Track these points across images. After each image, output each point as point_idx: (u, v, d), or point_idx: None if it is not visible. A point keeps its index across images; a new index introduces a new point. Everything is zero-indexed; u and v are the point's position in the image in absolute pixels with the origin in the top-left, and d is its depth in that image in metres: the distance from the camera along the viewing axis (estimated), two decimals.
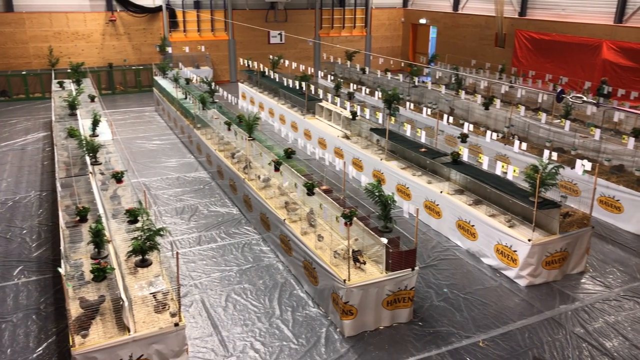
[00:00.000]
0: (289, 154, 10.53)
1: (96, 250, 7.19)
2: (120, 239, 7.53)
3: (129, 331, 5.79)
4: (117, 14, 22.37)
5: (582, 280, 8.71)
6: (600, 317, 7.71)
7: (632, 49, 17.08)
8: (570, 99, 14.37)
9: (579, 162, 9.04)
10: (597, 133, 11.57)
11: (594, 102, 14.29)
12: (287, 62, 19.02)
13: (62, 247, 7.19)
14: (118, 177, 9.21)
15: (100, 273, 6.53)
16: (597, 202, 10.57)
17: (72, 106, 14.05)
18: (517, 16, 21.39)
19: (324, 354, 6.86)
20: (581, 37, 18.61)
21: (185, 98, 15.96)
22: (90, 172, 9.72)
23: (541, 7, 20.65)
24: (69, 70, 19.30)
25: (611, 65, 17.51)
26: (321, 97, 15.57)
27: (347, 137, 13.32)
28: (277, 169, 9.75)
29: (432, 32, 26.75)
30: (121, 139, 14.64)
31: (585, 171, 9.05)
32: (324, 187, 9.12)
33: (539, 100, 15.43)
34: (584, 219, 8.78)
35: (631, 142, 10.76)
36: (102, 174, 9.80)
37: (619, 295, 8.28)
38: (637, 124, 12.93)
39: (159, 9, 22.96)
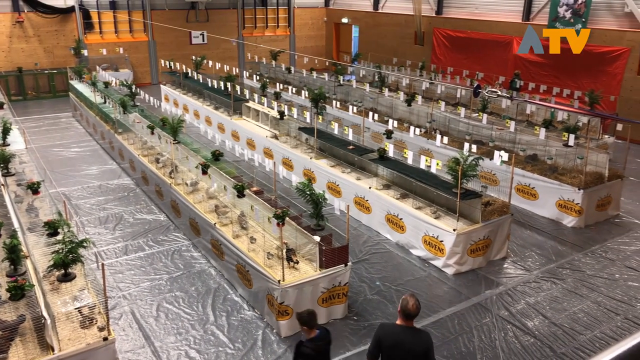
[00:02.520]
0: (217, 156, 10.35)
1: (12, 267, 6.74)
2: (39, 254, 7.10)
3: (52, 350, 5.48)
4: (24, 14, 21.04)
5: (505, 266, 9.19)
6: (522, 299, 8.16)
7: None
8: (486, 94, 15.11)
9: (496, 153, 9.53)
10: (512, 125, 12.22)
11: (508, 96, 15.12)
12: (210, 62, 18.70)
13: None
14: (34, 188, 8.66)
15: (18, 291, 6.13)
16: (514, 191, 11.16)
17: None
18: (434, 15, 22.20)
19: (261, 356, 6.82)
20: (493, 34, 19.60)
21: (105, 102, 15.30)
22: (2, 184, 9.10)
23: (456, 5, 21.56)
24: None
25: (521, 61, 18.58)
26: (247, 97, 15.44)
27: (275, 137, 13.29)
28: (205, 172, 9.56)
29: (355, 31, 27.23)
30: (36, 147, 13.80)
31: (502, 161, 9.55)
32: (254, 189, 9.05)
33: (458, 95, 16.10)
34: (504, 207, 9.25)
35: (542, 132, 11.46)
36: (19, 184, 9.21)
37: (538, 277, 8.81)
38: (547, 115, 13.80)
39: (71, 9, 21.84)
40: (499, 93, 15.24)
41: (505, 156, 9.41)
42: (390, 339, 4.89)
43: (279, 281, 6.88)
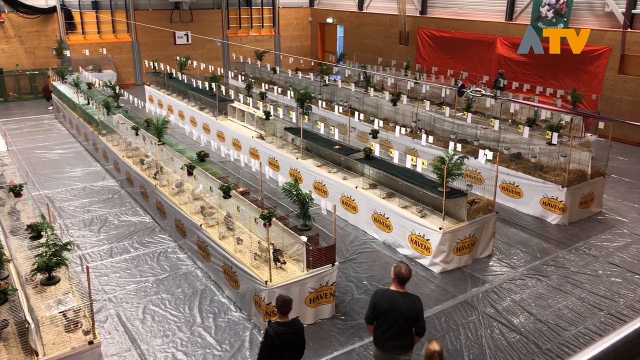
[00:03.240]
0: (202, 157, 10.30)
1: None
2: (22, 257, 7.01)
3: (37, 355, 5.41)
4: (5, 15, 20.75)
5: (490, 263, 9.27)
6: (507, 296, 8.23)
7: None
8: (470, 93, 15.22)
9: (481, 152, 9.60)
10: (496, 124, 12.32)
11: (492, 95, 15.24)
12: (195, 63, 18.59)
13: None
14: (16, 191, 8.54)
15: (1, 295, 6.05)
16: (499, 189, 11.26)
17: None
18: (418, 15, 22.31)
19: (248, 357, 6.79)
20: (477, 34, 19.75)
21: (88, 103, 15.14)
22: None
23: (440, 5, 21.68)
24: None
25: (505, 60, 18.74)
26: (232, 97, 15.38)
27: (261, 137, 13.25)
28: (190, 173, 9.50)
29: (340, 31, 27.26)
30: (17, 149, 13.62)
31: (487, 160, 9.63)
32: (240, 189, 9.02)
33: (443, 95, 16.20)
34: (489, 205, 9.32)
35: (526, 131, 11.58)
36: (0, 187, 9.07)
37: (523, 274, 8.89)
38: (531, 114, 13.95)
39: (52, 9, 21.57)
40: (483, 92, 15.35)
41: (489, 155, 9.49)
42: (386, 303, 5.28)
43: (266, 282, 6.87)
